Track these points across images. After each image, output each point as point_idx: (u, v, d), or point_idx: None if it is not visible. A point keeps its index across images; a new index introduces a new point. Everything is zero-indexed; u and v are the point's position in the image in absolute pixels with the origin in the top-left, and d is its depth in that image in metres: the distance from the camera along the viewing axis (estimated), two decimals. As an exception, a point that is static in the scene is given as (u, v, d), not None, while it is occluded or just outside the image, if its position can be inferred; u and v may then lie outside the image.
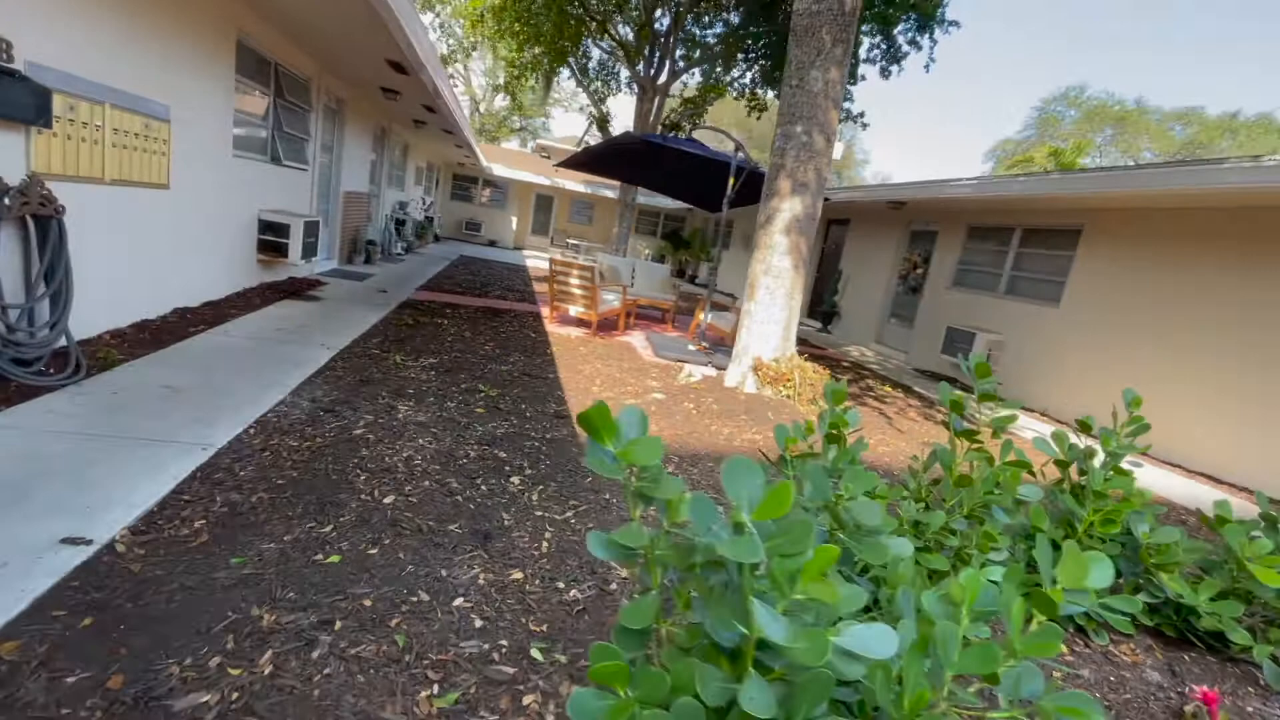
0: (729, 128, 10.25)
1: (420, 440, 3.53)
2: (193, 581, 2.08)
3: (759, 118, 13.81)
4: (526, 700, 1.79)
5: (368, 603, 2.10)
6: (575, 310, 7.75)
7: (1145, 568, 2.51)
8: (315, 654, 1.84)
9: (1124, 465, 2.67)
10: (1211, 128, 26.42)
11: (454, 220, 22.42)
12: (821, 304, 13.57)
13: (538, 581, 2.40)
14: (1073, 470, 2.80)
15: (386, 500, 2.80)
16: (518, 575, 2.41)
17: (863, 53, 11.60)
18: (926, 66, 11.45)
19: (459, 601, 2.20)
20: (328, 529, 2.51)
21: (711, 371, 6.57)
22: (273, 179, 7.08)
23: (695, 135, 11.61)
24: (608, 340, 7.59)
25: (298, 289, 7.28)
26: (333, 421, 3.58)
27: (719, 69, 13.15)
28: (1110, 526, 2.44)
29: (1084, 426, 2.77)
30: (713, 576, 1.31)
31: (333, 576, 2.22)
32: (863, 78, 12.08)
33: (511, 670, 1.90)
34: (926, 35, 11.04)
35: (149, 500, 2.50)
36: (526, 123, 31.60)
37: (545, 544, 2.67)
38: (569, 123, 28.59)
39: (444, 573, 2.35)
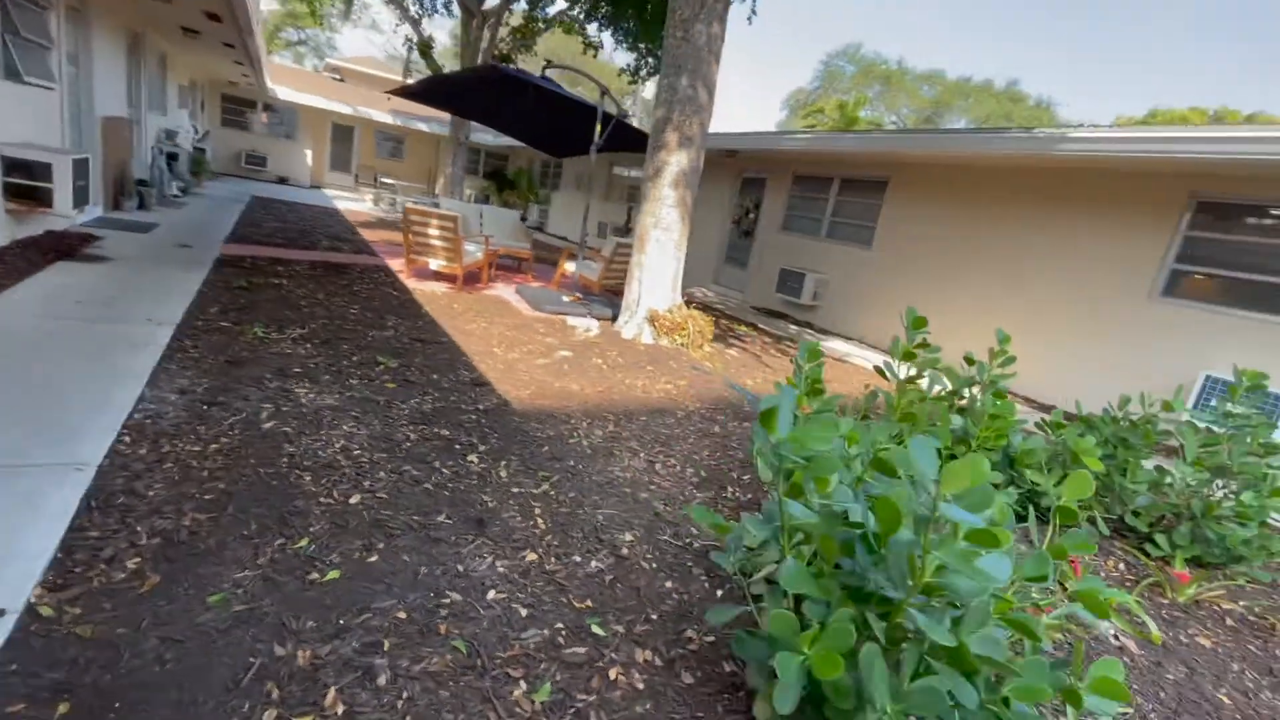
0: (563, 63, 9.85)
1: (345, 426, 3.16)
2: (177, 633, 1.74)
3: (595, 55, 13.46)
4: (613, 675, 1.85)
5: (402, 615, 1.95)
6: (436, 264, 7.18)
7: (1015, 469, 3.25)
8: (381, 681, 1.69)
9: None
10: (950, 90, 32.02)
11: (229, 152, 18.80)
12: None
13: (554, 560, 2.39)
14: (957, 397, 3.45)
15: (353, 500, 2.52)
16: (532, 557, 2.38)
17: None
18: (749, 19, 12.04)
19: (492, 594, 2.12)
20: (303, 543, 2.21)
21: (595, 324, 6.63)
22: (10, 101, 5.36)
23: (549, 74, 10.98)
24: (477, 295, 7.20)
25: (68, 247, 5.74)
26: (228, 416, 3.04)
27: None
28: (1000, 439, 3.11)
29: (968, 360, 3.40)
30: (850, 537, 1.48)
31: (344, 594, 2.00)
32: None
33: (584, 650, 1.93)
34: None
35: (45, 547, 1.97)
36: (305, 35, 27.12)
37: (539, 521, 2.64)
38: (357, 41, 25.09)
39: (460, 568, 2.23)
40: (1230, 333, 5.79)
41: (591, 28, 13.63)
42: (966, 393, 3.44)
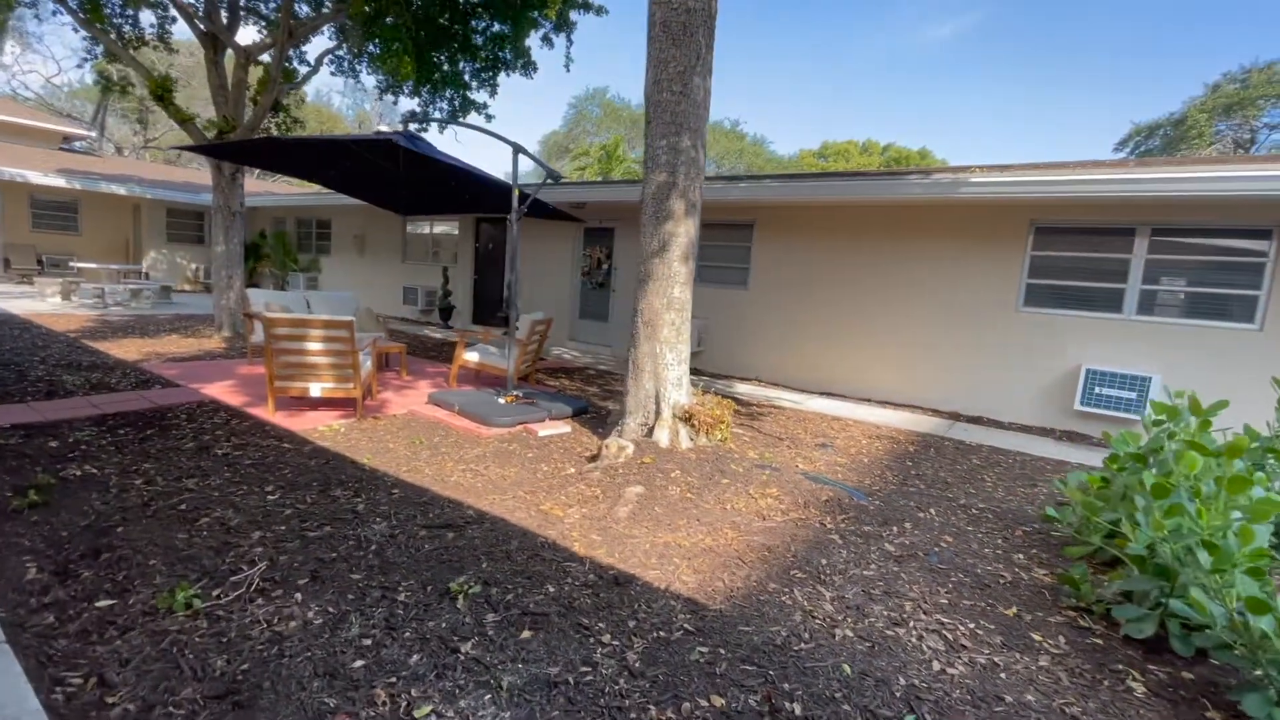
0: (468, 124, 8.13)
1: (467, 684, 1.79)
2: None
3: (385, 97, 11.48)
4: None
5: None
6: (320, 388, 5.15)
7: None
8: None
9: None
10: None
11: None
12: (500, 308, 12.70)
13: None
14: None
15: None
16: None
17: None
18: (566, 66, 11.55)
19: None
20: None
21: (565, 429, 5.40)
22: None
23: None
24: (391, 421, 5.35)
25: None
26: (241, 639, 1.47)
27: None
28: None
29: (1195, 407, 3.27)
30: None
31: None
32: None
33: None
34: (563, 34, 11.07)
35: None
36: None
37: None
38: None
39: None
40: (1085, 331, 7.07)
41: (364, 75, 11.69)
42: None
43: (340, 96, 42.88)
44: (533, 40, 11.06)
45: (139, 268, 15.93)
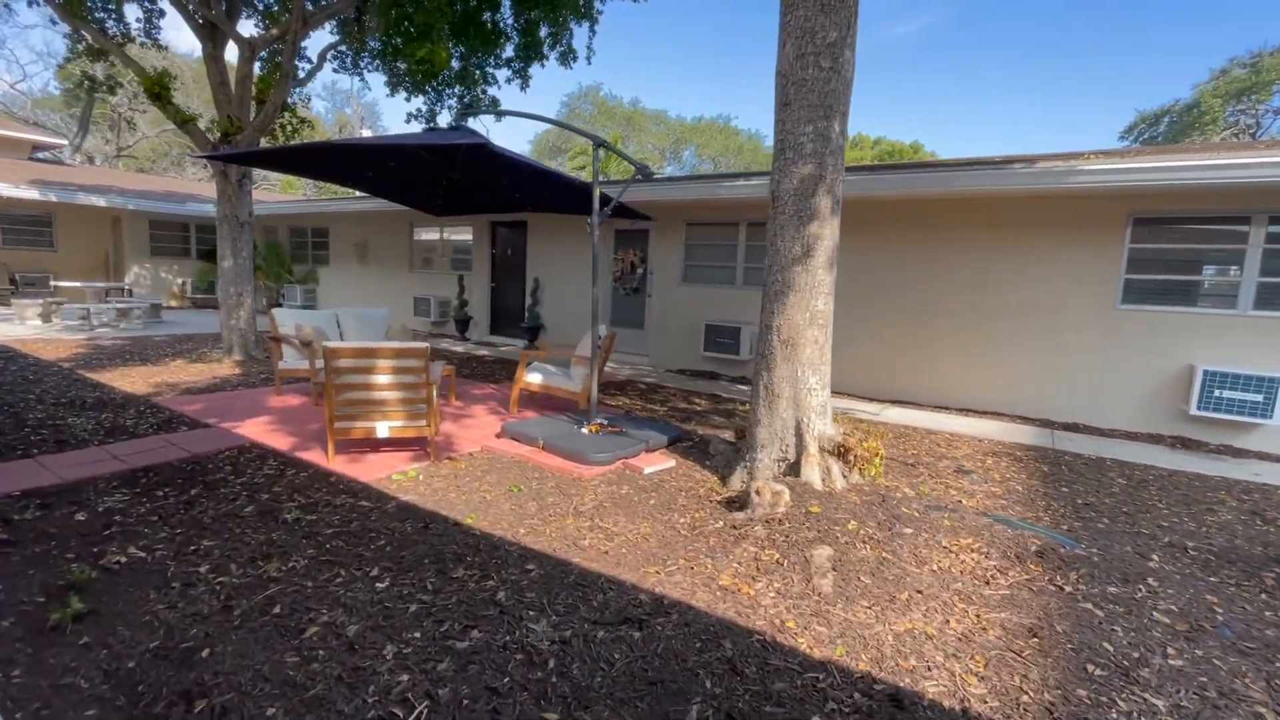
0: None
1: None
2: None
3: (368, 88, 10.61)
4: None
5: None
6: (387, 428, 4.37)
7: None
8: None
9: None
10: (688, 129, 35.20)
11: None
12: (524, 319, 11.92)
13: None
14: None
15: None
16: None
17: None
18: (588, 59, 10.80)
19: None
20: None
21: (669, 463, 4.69)
22: None
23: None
24: (471, 463, 4.59)
25: None
26: None
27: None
28: None
29: None
30: None
31: None
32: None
33: None
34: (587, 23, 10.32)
35: None
36: None
37: None
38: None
39: None
40: (1193, 329, 6.52)
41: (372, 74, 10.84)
42: None
43: (320, 100, 41.45)
44: (542, 32, 10.33)
45: (122, 284, 14.81)
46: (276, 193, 28.40)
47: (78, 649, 2.24)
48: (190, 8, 7.95)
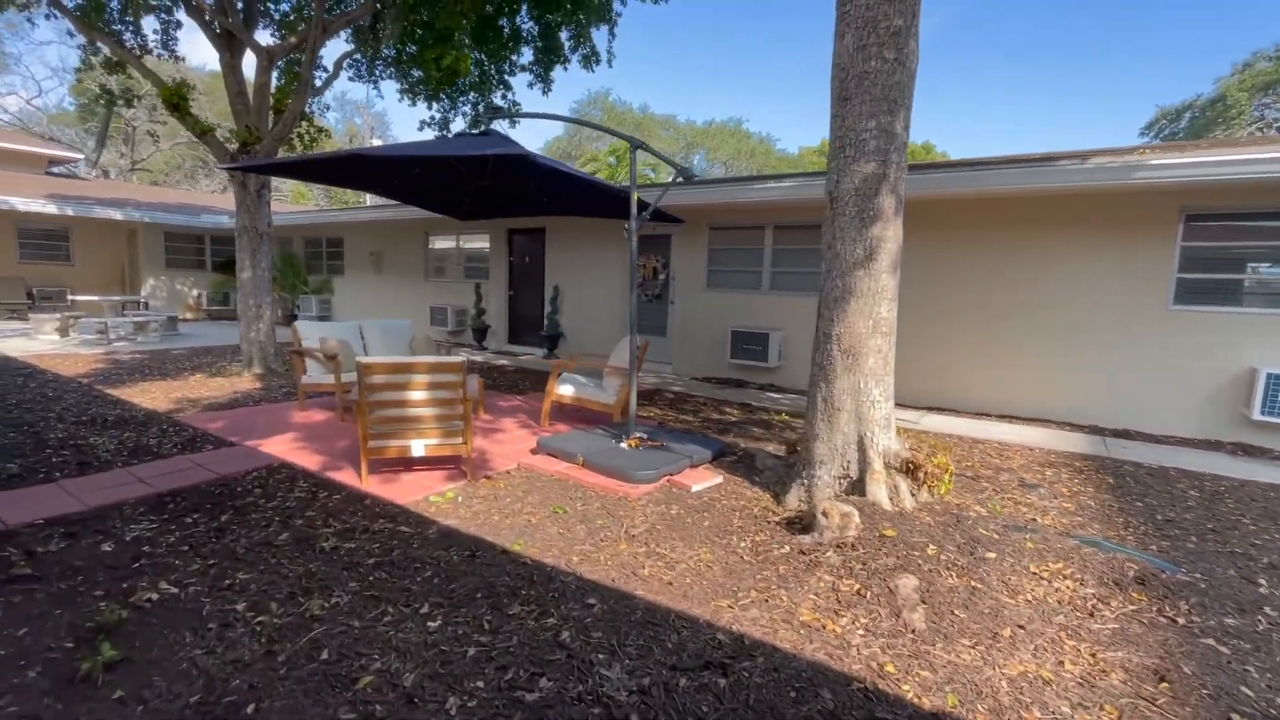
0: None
1: None
2: None
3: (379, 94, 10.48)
4: None
5: None
6: (423, 446, 4.16)
7: None
8: None
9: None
10: (696, 132, 35.04)
11: None
12: (543, 327, 11.72)
13: None
14: None
15: None
16: None
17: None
18: (609, 62, 10.63)
19: None
20: None
21: (716, 479, 4.45)
22: None
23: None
24: (511, 479, 4.37)
25: None
26: None
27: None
28: None
29: None
30: None
31: None
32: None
33: None
34: (606, 26, 10.15)
35: None
36: None
37: None
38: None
39: None
40: (1254, 330, 6.21)
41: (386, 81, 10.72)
42: None
43: (330, 111, 41.64)
44: (563, 35, 10.17)
45: (138, 297, 14.78)
46: (289, 203, 28.47)
47: (112, 704, 2.04)
48: (208, 17, 7.84)
